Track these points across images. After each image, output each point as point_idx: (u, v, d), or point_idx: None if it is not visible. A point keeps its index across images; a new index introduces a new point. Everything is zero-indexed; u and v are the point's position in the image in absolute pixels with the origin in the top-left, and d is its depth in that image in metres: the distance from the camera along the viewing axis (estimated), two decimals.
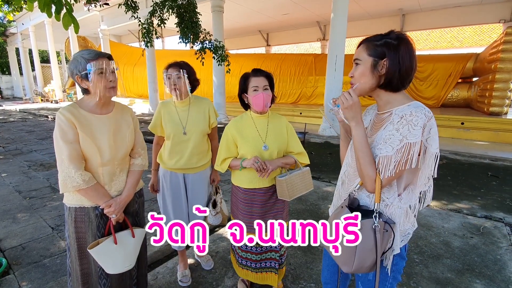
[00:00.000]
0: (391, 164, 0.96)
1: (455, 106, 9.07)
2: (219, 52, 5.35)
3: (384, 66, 1.00)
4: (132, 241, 1.51)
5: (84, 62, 1.31)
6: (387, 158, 0.96)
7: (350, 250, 1.00)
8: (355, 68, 1.06)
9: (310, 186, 1.71)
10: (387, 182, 0.99)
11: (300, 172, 1.67)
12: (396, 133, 0.96)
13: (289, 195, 1.60)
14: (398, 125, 0.97)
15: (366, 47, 1.04)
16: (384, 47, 1.00)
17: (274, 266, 1.80)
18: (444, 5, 10.38)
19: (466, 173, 4.64)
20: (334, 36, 6.78)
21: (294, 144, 1.76)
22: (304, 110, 9.75)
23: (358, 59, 1.05)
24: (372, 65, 1.02)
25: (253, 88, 1.62)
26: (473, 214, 3.20)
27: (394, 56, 0.98)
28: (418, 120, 0.93)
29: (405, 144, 0.94)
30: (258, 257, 1.79)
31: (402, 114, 0.98)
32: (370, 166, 0.99)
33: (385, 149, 0.98)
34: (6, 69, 23.79)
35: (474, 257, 2.42)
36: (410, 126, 0.94)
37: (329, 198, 3.65)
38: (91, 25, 15.29)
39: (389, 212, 1.05)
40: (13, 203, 3.41)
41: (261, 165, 1.55)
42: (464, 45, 15.72)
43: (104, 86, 1.34)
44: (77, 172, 1.31)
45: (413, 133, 0.93)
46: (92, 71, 1.30)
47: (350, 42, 17.44)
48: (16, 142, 7.02)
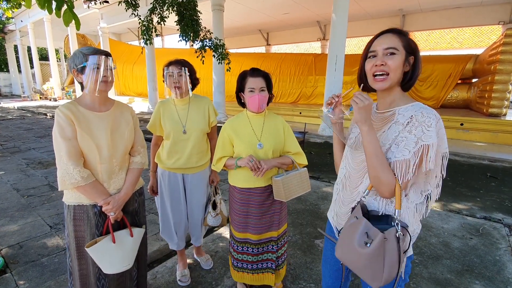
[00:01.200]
0: (409, 167, 0.92)
1: (455, 107, 9.08)
2: (219, 50, 5.33)
3: (410, 63, 0.99)
4: (131, 241, 1.49)
5: (82, 56, 1.32)
6: (405, 162, 0.92)
7: (377, 264, 0.91)
8: (391, 57, 0.97)
9: (308, 187, 1.69)
10: (404, 186, 0.96)
11: (297, 172, 1.65)
12: (409, 135, 0.94)
13: (286, 196, 1.58)
14: (409, 127, 0.94)
15: (400, 38, 0.98)
16: (413, 43, 0.99)
17: (271, 267, 1.79)
18: (444, 6, 10.39)
19: (465, 174, 4.65)
20: (334, 36, 6.77)
21: (291, 144, 1.74)
22: (304, 109, 9.75)
23: (395, 48, 0.97)
24: (405, 58, 0.98)
25: (250, 89, 1.62)
26: (472, 215, 3.21)
27: (418, 54, 0.98)
28: (431, 121, 0.92)
29: (421, 146, 0.91)
30: (254, 258, 1.78)
31: (410, 114, 0.96)
32: (388, 172, 0.94)
33: (401, 152, 0.94)
34: (4, 67, 23.68)
35: (473, 258, 2.41)
36: (423, 127, 0.92)
37: (329, 198, 3.64)
38: (91, 23, 15.22)
39: (383, 205, 1.03)
40: (11, 201, 3.39)
41: (255, 164, 1.54)
42: (464, 46, 15.73)
43: (96, 79, 1.33)
44: (75, 169, 1.30)
45: (428, 134, 0.91)
46: (88, 65, 1.31)
47: (350, 42, 17.47)
48: (14, 140, 6.98)
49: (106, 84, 1.38)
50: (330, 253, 1.28)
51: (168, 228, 2.05)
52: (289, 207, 3.35)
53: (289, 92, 11.68)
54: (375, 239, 0.89)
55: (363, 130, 0.97)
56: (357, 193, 1.11)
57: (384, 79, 0.99)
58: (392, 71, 0.97)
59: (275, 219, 1.76)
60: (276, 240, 1.77)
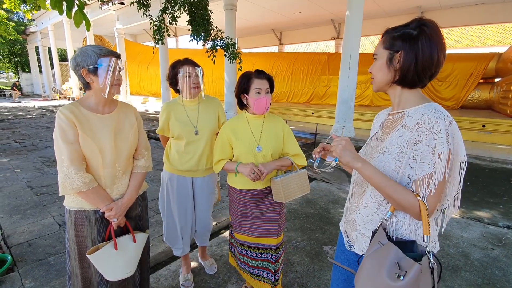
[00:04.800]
0: (431, 181, 0.83)
1: (476, 107, 8.68)
2: (231, 50, 5.29)
3: (399, 60, 0.91)
4: (133, 247, 1.45)
5: (96, 56, 1.28)
6: (428, 177, 0.84)
7: None
8: (374, 63, 1.00)
9: (307, 189, 1.65)
10: (434, 205, 0.86)
11: (296, 174, 1.62)
12: (422, 146, 0.85)
13: (285, 197, 1.55)
14: (419, 137, 0.86)
15: (383, 40, 0.97)
16: (400, 38, 0.90)
17: (270, 278, 1.73)
18: (464, 2, 9.97)
19: (487, 179, 4.40)
20: (348, 34, 6.60)
21: (291, 146, 1.71)
22: (316, 110, 9.58)
23: (375, 54, 0.99)
24: (388, 59, 0.94)
25: (256, 90, 1.58)
26: (494, 223, 3.01)
27: (410, 48, 0.89)
28: (440, 126, 0.83)
29: (438, 155, 0.83)
30: (254, 262, 1.74)
31: (417, 119, 0.88)
32: (406, 194, 0.85)
33: (420, 168, 0.86)
34: (27, 67, 24.62)
35: (495, 270, 2.25)
36: (434, 134, 0.83)
37: (340, 203, 3.52)
38: (107, 24, 15.58)
39: (409, 231, 0.92)
40: (24, 198, 3.46)
41: (257, 176, 1.52)
42: (486, 44, 15.10)
43: (111, 82, 1.30)
44: (77, 174, 1.26)
45: (440, 141, 0.83)
46: (102, 67, 1.27)
47: (365, 41, 17.10)
48: (32, 138, 7.20)
49: (119, 87, 1.36)
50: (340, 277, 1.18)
51: (174, 233, 2.00)
52: (298, 210, 3.26)
53: (301, 92, 11.50)
54: (410, 271, 0.78)
55: (357, 168, 0.92)
56: (361, 203, 1.04)
57: (373, 83, 1.02)
58: (374, 75, 1.00)
59: (273, 224, 1.71)
60: (275, 249, 1.72)
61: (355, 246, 1.06)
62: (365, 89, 10.03)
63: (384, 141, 0.98)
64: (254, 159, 1.62)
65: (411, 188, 0.89)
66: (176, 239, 2.01)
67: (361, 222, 1.03)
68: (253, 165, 1.56)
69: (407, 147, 0.89)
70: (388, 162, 0.93)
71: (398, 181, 0.90)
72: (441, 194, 0.88)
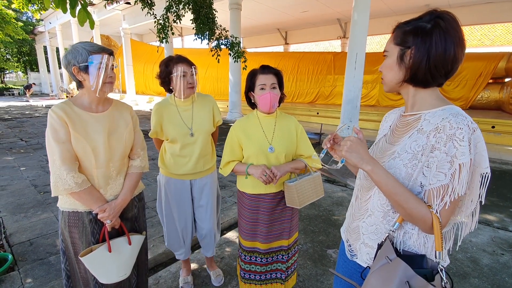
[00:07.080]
0: (447, 194, 0.75)
1: (485, 108, 8.51)
2: (235, 48, 5.25)
3: (411, 57, 0.82)
4: (129, 249, 1.41)
5: (86, 53, 1.23)
6: (443, 188, 0.76)
7: None
8: (384, 62, 0.91)
9: (321, 192, 1.57)
10: (447, 219, 0.78)
11: (310, 177, 1.53)
12: (439, 153, 0.76)
13: (300, 202, 1.46)
14: (437, 143, 0.77)
15: (394, 35, 0.87)
16: (411, 33, 0.82)
17: (280, 277, 1.68)
18: (474, 1, 9.79)
19: (497, 182, 4.28)
20: (354, 33, 6.51)
21: (305, 147, 1.62)
22: (322, 110, 9.50)
23: (386, 51, 0.90)
24: (399, 56, 0.85)
25: (260, 86, 1.50)
26: (504, 227, 2.91)
27: (421, 43, 0.79)
28: (463, 133, 0.74)
29: (458, 166, 0.74)
30: (263, 268, 1.67)
31: (436, 124, 0.79)
32: (419, 204, 0.77)
33: (435, 177, 0.77)
34: (35, 66, 24.98)
35: (505, 277, 2.17)
36: (455, 141, 0.74)
37: (344, 204, 3.45)
38: (113, 24, 15.70)
39: (417, 243, 0.86)
40: (28, 197, 3.47)
41: (269, 178, 1.43)
42: (496, 44, 14.79)
43: (103, 81, 1.26)
44: (69, 174, 1.23)
45: (461, 150, 0.73)
46: (93, 64, 1.23)
47: (372, 40, 16.90)
48: (39, 136, 7.27)
49: (112, 85, 1.32)
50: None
51: (176, 239, 1.95)
52: (301, 212, 3.21)
53: (306, 92, 11.43)
54: None
55: (367, 171, 0.82)
56: (366, 210, 0.96)
57: (383, 83, 0.94)
58: (384, 74, 0.92)
59: (285, 227, 1.64)
60: (286, 250, 1.65)
61: (358, 257, 0.99)
62: (371, 89, 9.92)
63: (395, 145, 0.89)
64: (266, 160, 1.53)
65: (422, 198, 0.81)
66: (179, 243, 1.95)
67: (365, 231, 0.96)
68: (265, 166, 1.47)
69: (422, 154, 0.80)
70: (398, 168, 0.84)
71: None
72: (456, 208, 0.80)
